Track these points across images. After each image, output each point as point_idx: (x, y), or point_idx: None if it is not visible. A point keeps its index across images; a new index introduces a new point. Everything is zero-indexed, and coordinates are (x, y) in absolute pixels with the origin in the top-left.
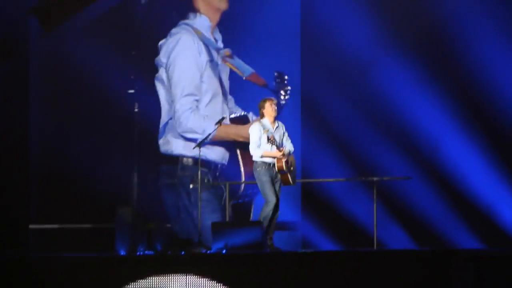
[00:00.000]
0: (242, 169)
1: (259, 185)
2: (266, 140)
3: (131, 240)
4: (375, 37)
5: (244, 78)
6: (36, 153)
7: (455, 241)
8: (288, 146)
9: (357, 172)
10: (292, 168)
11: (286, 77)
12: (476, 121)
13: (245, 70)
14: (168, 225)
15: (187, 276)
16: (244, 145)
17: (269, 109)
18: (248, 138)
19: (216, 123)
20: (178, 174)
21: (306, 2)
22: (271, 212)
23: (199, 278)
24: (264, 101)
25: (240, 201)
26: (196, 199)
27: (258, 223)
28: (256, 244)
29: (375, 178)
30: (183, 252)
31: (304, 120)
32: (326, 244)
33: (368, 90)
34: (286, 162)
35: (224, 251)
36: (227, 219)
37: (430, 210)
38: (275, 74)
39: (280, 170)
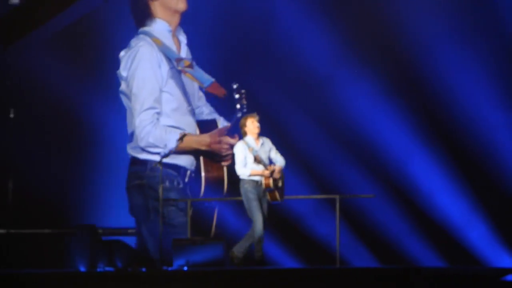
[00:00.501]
0: (202, 174)
1: (245, 203)
2: (253, 159)
3: (91, 256)
4: (338, 50)
5: (204, 89)
6: None
7: (418, 259)
8: (279, 161)
9: (320, 190)
10: (280, 185)
11: (243, 90)
12: (442, 138)
13: (205, 80)
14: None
15: None
16: (206, 153)
17: (251, 126)
18: (210, 146)
19: (178, 140)
20: (147, 175)
21: (267, 16)
22: (262, 230)
23: None
24: (245, 118)
25: (201, 207)
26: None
27: (220, 239)
28: (218, 260)
29: (337, 196)
30: (144, 269)
31: (264, 136)
32: (288, 261)
33: (330, 106)
34: (274, 179)
35: (185, 268)
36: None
37: (393, 228)
38: (234, 86)
39: (267, 187)
